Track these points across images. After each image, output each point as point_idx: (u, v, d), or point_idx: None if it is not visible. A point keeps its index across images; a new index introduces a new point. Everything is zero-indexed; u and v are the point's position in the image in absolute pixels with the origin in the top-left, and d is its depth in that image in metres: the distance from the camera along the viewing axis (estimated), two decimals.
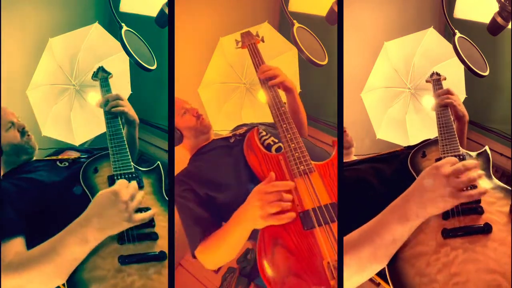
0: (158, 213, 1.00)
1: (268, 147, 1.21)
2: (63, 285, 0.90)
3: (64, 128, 2.34)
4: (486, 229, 0.87)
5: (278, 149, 1.20)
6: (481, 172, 0.91)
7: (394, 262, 0.88)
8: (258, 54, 1.37)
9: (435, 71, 1.49)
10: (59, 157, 1.26)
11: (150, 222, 0.98)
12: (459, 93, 2.55)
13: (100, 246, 0.92)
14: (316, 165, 1.02)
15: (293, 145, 1.06)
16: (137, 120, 1.31)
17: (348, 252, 0.87)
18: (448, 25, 1.26)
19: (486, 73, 1.25)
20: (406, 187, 0.92)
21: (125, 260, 0.90)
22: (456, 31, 1.26)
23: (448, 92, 1.29)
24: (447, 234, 0.89)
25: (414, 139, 2.56)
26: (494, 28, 1.25)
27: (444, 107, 1.25)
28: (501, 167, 3.15)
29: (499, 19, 1.22)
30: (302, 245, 0.89)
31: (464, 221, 0.90)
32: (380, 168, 1.17)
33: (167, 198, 1.07)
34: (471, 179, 0.87)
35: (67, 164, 1.19)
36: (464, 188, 0.86)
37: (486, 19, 1.28)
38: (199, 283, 3.00)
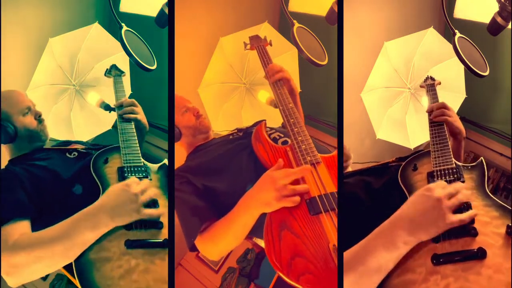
0: (164, 205, 1.04)
1: (274, 141, 1.23)
2: (71, 264, 0.93)
3: (64, 128, 2.34)
4: (480, 255, 0.78)
5: (284, 143, 1.22)
6: (468, 192, 0.87)
7: None
8: (266, 54, 1.40)
9: (429, 76, 1.45)
10: (68, 147, 1.28)
11: (154, 204, 1.03)
12: (459, 93, 2.55)
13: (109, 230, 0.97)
14: (322, 157, 1.05)
15: (300, 137, 1.09)
16: (147, 128, 1.34)
17: None
18: (448, 25, 1.26)
19: (486, 73, 1.25)
20: (396, 202, 0.87)
21: (131, 244, 0.95)
22: (456, 31, 1.25)
23: (443, 107, 1.20)
24: (437, 260, 0.81)
25: (414, 139, 2.57)
26: (494, 28, 1.25)
27: (439, 124, 1.17)
28: (501, 167, 3.15)
29: (499, 19, 1.22)
30: (308, 229, 0.91)
31: (456, 245, 0.82)
32: (370, 182, 1.11)
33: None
34: (461, 201, 0.84)
35: (76, 154, 1.22)
36: (454, 212, 0.82)
37: (486, 19, 1.27)
38: (199, 283, 3.01)
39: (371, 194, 1.07)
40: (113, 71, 1.48)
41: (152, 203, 1.02)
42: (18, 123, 1.21)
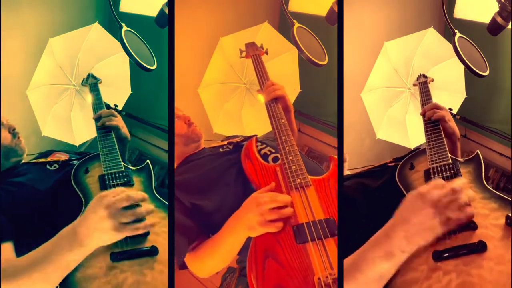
0: (148, 210, 0.98)
1: (265, 157, 1.20)
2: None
3: (64, 128, 2.34)
4: (481, 248, 0.78)
5: (275, 159, 1.19)
6: (471, 193, 0.82)
7: None
8: (262, 65, 1.37)
9: (421, 73, 1.43)
10: (48, 159, 1.23)
11: (140, 219, 0.95)
12: (459, 93, 2.55)
13: None
14: (312, 179, 1.01)
15: (291, 157, 1.05)
16: (129, 138, 1.29)
17: None
18: (448, 25, 1.26)
19: (486, 73, 1.25)
20: (395, 203, 0.85)
21: (117, 257, 0.90)
22: (456, 31, 1.25)
23: (435, 107, 1.18)
24: (438, 257, 0.80)
25: (414, 139, 2.57)
26: (494, 28, 1.25)
27: (433, 123, 1.16)
28: (501, 167, 3.15)
29: (499, 19, 1.22)
30: (294, 259, 0.88)
31: (457, 240, 0.81)
32: (368, 184, 1.10)
33: (157, 195, 1.07)
34: (461, 205, 0.80)
35: (57, 166, 1.17)
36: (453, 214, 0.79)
37: (486, 19, 1.27)
38: (199, 283, 3.01)
39: (370, 196, 1.07)
40: (90, 79, 1.47)
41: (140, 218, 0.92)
42: None
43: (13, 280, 0.86)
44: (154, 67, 1.32)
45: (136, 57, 1.27)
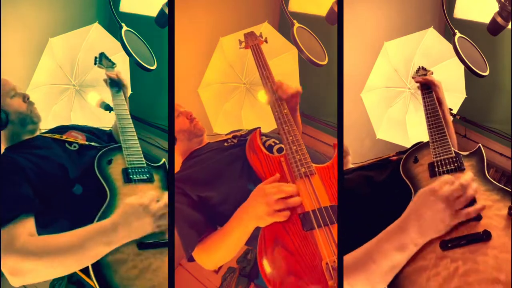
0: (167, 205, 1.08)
1: (269, 148, 1.21)
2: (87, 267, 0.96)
3: None
4: (486, 237, 0.83)
5: (279, 150, 1.20)
6: (476, 186, 0.89)
7: (394, 280, 0.86)
8: (261, 55, 1.37)
9: (421, 66, 1.44)
10: (64, 137, 1.25)
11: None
12: (459, 93, 2.55)
13: None
14: (316, 167, 1.03)
15: (294, 147, 1.07)
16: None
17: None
18: (448, 25, 1.26)
19: (486, 73, 1.25)
20: (400, 195, 0.89)
21: (143, 245, 1.00)
22: (456, 31, 1.25)
23: (430, 76, 1.27)
24: (446, 246, 0.85)
25: (414, 139, 2.57)
26: (494, 28, 1.25)
27: (427, 89, 1.25)
28: (501, 167, 3.16)
29: (499, 19, 1.22)
30: (302, 246, 0.91)
31: (462, 230, 0.86)
32: (371, 176, 1.13)
33: None
34: (468, 199, 0.86)
35: (77, 147, 1.20)
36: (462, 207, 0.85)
37: (486, 19, 1.28)
38: (199, 283, 3.01)
39: (374, 188, 1.09)
40: (104, 61, 1.48)
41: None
42: (6, 106, 1.15)
43: (42, 257, 0.91)
44: (154, 67, 1.33)
45: (136, 57, 1.27)
